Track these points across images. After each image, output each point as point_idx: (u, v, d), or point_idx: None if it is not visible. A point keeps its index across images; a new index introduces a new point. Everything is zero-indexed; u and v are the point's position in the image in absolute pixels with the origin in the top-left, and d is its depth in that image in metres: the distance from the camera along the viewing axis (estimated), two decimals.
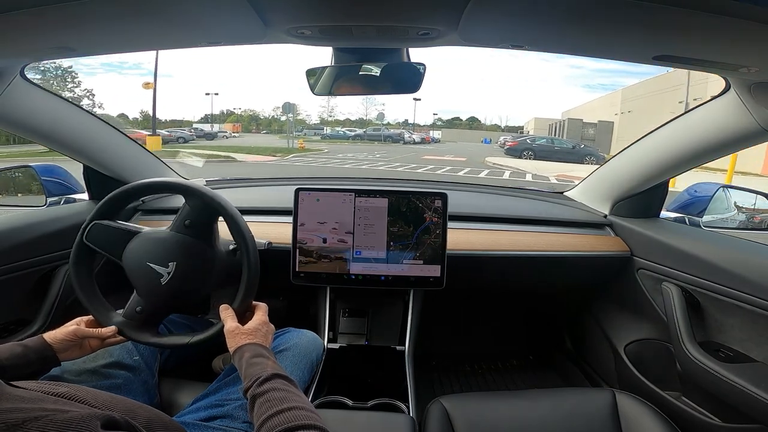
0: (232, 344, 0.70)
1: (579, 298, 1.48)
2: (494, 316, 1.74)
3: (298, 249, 1.06)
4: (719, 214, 1.24)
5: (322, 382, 0.94)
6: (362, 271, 1.06)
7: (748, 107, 0.79)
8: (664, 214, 1.25)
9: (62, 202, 1.21)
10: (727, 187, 1.24)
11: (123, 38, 0.69)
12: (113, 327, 0.75)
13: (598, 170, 1.37)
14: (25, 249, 0.98)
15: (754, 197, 1.27)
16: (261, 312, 0.77)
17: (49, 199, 1.19)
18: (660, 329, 1.12)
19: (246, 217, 0.80)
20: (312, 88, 0.83)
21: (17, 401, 0.40)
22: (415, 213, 1.06)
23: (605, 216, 1.30)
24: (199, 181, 1.32)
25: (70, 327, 0.71)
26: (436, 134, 33.36)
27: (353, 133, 29.74)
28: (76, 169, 1.25)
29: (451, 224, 1.10)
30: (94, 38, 0.68)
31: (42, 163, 1.25)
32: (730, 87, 0.80)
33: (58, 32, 0.63)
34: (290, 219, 1.06)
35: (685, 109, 1.00)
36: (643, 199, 1.21)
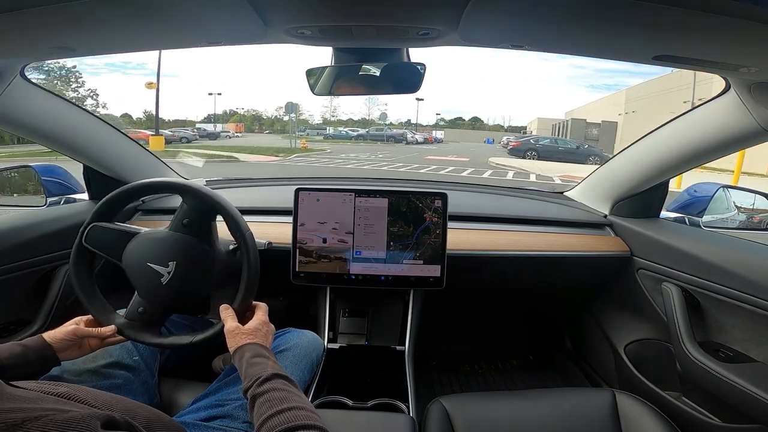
0: (232, 344, 0.70)
1: (579, 298, 1.48)
2: (494, 316, 1.74)
3: (298, 249, 1.06)
4: (719, 214, 1.24)
5: (322, 382, 0.94)
6: (362, 271, 1.06)
7: (748, 107, 0.79)
8: (664, 214, 1.25)
9: (62, 202, 1.21)
10: (727, 187, 1.23)
11: (123, 38, 0.69)
12: (112, 326, 0.75)
13: (598, 170, 1.37)
14: (25, 249, 0.98)
15: (753, 197, 1.27)
16: (261, 312, 0.77)
17: (49, 199, 1.19)
18: (660, 329, 1.12)
19: (246, 217, 0.80)
20: (312, 88, 0.83)
21: (17, 401, 0.40)
22: (415, 213, 1.06)
23: (605, 216, 1.30)
24: (199, 181, 1.32)
25: (69, 326, 0.71)
26: (439, 134, 33.19)
27: (356, 133, 29.62)
28: (76, 169, 1.25)
29: (451, 224, 1.10)
30: (94, 38, 0.68)
31: (42, 163, 1.25)
32: (730, 87, 0.80)
33: (58, 32, 0.63)
34: (290, 219, 1.06)
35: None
36: (643, 199, 1.21)
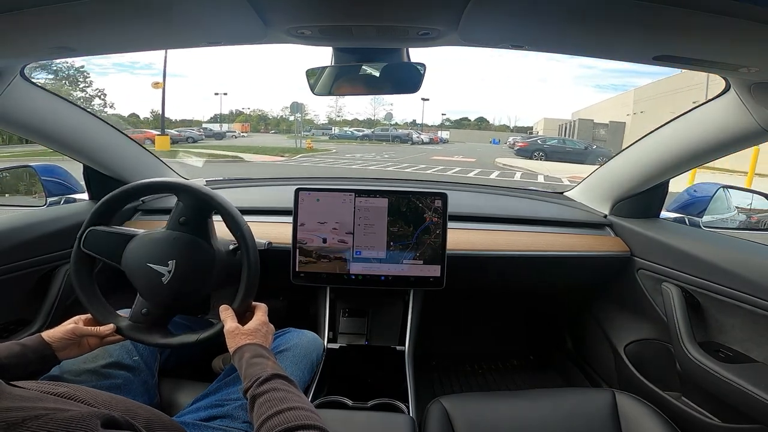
0: (231, 344, 0.70)
1: (579, 298, 1.48)
2: (494, 316, 1.74)
3: (298, 249, 1.06)
4: (719, 214, 1.24)
5: (322, 382, 0.94)
6: (362, 271, 1.06)
7: (748, 107, 0.79)
8: (664, 214, 1.25)
9: (62, 202, 1.21)
10: (726, 187, 1.23)
11: (123, 38, 0.69)
12: (111, 325, 0.75)
13: (598, 170, 1.37)
14: (25, 249, 0.98)
15: (751, 197, 1.27)
16: (261, 312, 0.77)
17: (49, 199, 1.19)
18: (660, 329, 1.12)
19: (246, 217, 0.80)
20: (312, 88, 0.83)
21: (17, 400, 0.40)
22: (415, 213, 1.06)
23: (605, 216, 1.30)
24: (199, 181, 1.32)
25: (68, 325, 0.71)
26: (445, 134, 32.89)
27: (361, 134, 29.45)
28: (76, 169, 1.25)
29: (451, 224, 1.10)
30: (94, 38, 0.68)
31: (42, 163, 1.25)
32: (730, 87, 0.80)
33: (58, 32, 0.64)
34: (290, 219, 1.06)
35: None
36: (643, 199, 1.21)
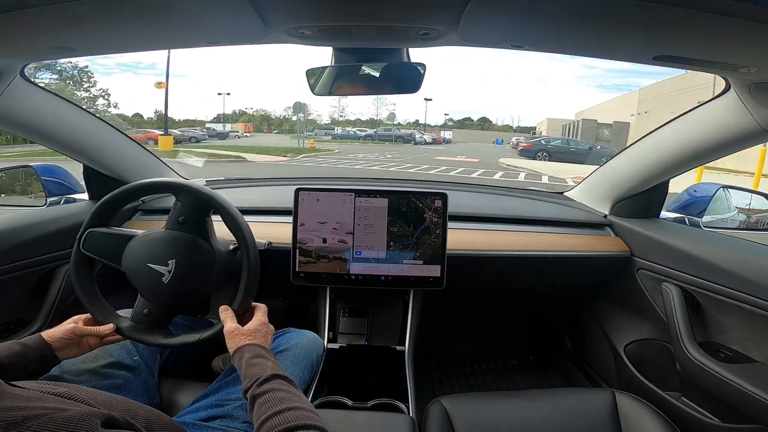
0: (231, 345, 0.70)
1: (579, 298, 1.48)
2: (494, 316, 1.74)
3: (298, 249, 1.06)
4: (719, 214, 1.24)
5: (322, 382, 0.94)
6: (362, 271, 1.06)
7: (748, 107, 0.79)
8: (664, 214, 1.25)
9: (62, 202, 1.21)
10: (727, 187, 1.23)
11: (123, 38, 0.69)
12: (111, 325, 0.75)
13: (598, 170, 1.37)
14: (25, 249, 0.98)
15: (750, 197, 1.27)
16: (260, 313, 0.77)
17: (49, 199, 1.19)
18: (660, 329, 1.12)
19: (246, 217, 0.80)
20: (312, 88, 0.83)
21: (17, 400, 0.40)
22: (415, 213, 1.06)
23: (605, 216, 1.30)
24: (198, 181, 1.32)
25: (68, 325, 0.71)
26: (447, 135, 32.80)
27: (364, 134, 29.43)
28: (76, 169, 1.25)
29: (451, 224, 1.10)
30: (94, 38, 0.68)
31: (42, 163, 1.25)
32: (730, 87, 0.80)
33: (58, 32, 0.64)
34: (290, 219, 1.06)
35: None
36: (643, 199, 1.21)
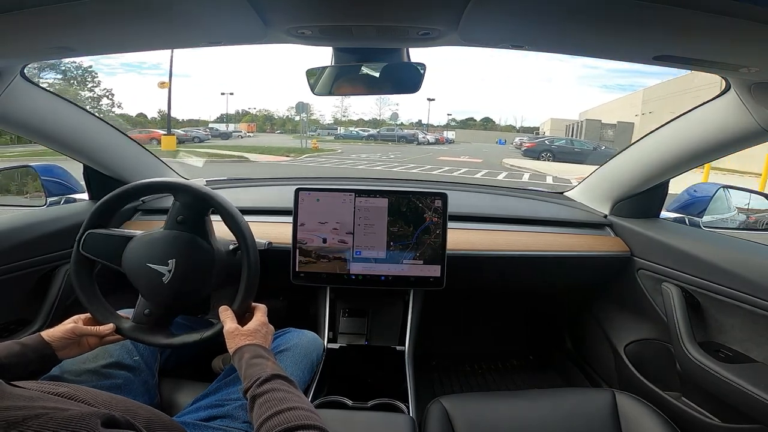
0: (231, 345, 0.70)
1: (579, 298, 1.48)
2: (494, 316, 1.74)
3: (298, 249, 1.06)
4: (719, 214, 1.24)
5: (322, 382, 0.94)
6: (362, 271, 1.06)
7: (748, 107, 0.79)
8: (664, 214, 1.25)
9: (62, 202, 1.21)
10: (727, 187, 1.23)
11: (123, 38, 0.69)
12: (111, 325, 0.75)
13: (598, 170, 1.37)
14: (25, 249, 0.98)
15: (749, 196, 1.27)
16: (260, 313, 0.77)
17: (49, 199, 1.19)
18: (660, 329, 1.12)
19: (246, 217, 0.80)
20: (312, 89, 0.83)
21: (17, 399, 0.40)
22: (415, 213, 1.06)
23: (605, 216, 1.30)
24: (199, 181, 1.32)
25: (68, 325, 0.71)
26: (450, 135, 32.51)
27: (367, 134, 29.32)
28: (76, 169, 1.25)
29: (451, 224, 1.10)
30: (94, 38, 0.68)
31: (42, 163, 1.25)
32: (730, 87, 0.80)
33: (58, 32, 0.64)
34: (290, 219, 1.06)
35: None
36: (643, 200, 1.21)
